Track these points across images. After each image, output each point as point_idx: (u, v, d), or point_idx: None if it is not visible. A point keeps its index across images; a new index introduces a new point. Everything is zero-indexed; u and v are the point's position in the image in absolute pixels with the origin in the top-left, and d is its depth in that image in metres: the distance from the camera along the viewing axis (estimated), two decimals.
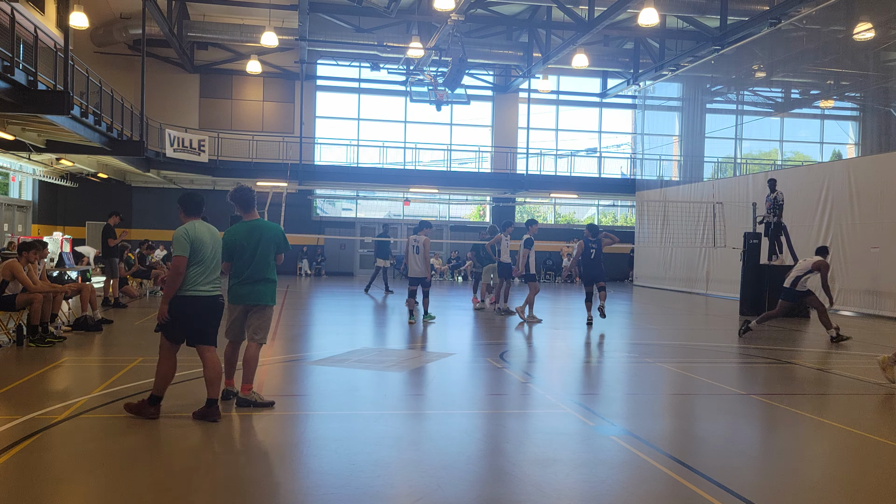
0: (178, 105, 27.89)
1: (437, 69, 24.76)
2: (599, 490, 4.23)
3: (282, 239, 6.12)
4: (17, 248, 11.80)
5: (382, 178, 28.39)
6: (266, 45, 23.28)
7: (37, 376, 7.12)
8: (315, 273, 28.45)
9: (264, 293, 6.02)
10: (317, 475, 4.42)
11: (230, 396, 6.17)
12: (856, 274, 16.39)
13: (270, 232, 6.06)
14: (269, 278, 6.05)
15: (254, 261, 5.97)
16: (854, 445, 5.35)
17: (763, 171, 22.69)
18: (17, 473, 4.29)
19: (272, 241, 6.04)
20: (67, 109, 14.06)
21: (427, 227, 12.73)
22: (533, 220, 13.72)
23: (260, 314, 6.04)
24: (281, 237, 6.12)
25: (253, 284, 5.99)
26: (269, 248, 6.02)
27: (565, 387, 7.53)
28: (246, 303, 6.03)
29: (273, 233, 6.08)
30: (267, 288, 6.04)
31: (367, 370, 7.84)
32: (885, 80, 18.24)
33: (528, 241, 13.24)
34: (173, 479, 4.27)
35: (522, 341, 10.72)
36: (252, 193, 6.20)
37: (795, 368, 8.83)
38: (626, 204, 32.04)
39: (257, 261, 5.97)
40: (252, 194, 6.19)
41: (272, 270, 6.08)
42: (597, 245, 12.55)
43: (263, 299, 6.02)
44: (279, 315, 13.06)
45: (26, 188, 23.93)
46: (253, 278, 5.98)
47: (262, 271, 6.00)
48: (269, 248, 6.02)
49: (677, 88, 27.04)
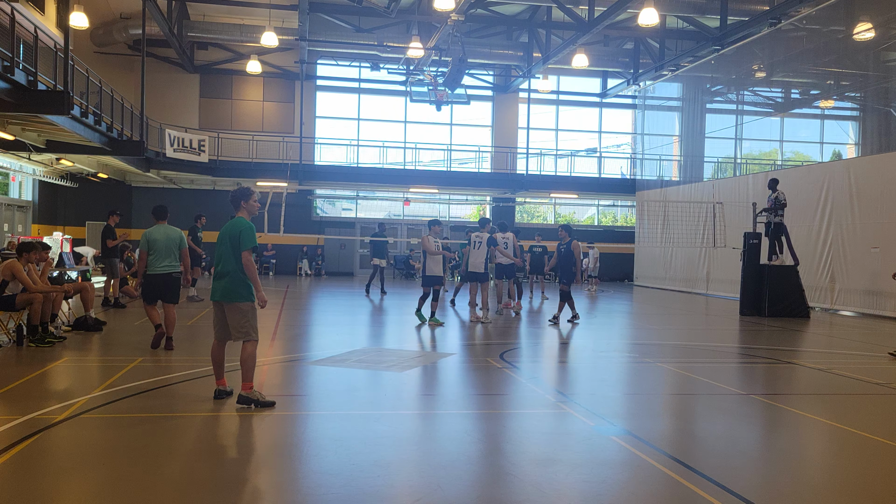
0: (178, 105, 27.89)
1: (437, 69, 24.76)
2: (599, 490, 4.22)
3: (237, 235, 5.94)
4: (16, 248, 11.80)
5: (382, 178, 28.39)
6: (266, 45, 23.29)
7: (37, 376, 7.11)
8: (315, 273, 28.44)
9: (228, 289, 5.96)
10: (317, 475, 4.41)
11: (222, 396, 6.19)
12: (856, 274, 16.39)
13: (230, 229, 6.03)
14: (230, 273, 5.95)
15: (222, 258, 6.02)
16: (854, 445, 5.35)
17: (763, 171, 22.70)
18: (17, 473, 4.29)
19: (232, 236, 5.97)
20: (67, 109, 14.06)
21: (487, 223, 13.40)
22: (486, 220, 13.68)
23: (233, 311, 6.00)
24: (236, 233, 5.96)
25: (218, 280, 6.05)
26: (232, 245, 5.96)
27: (565, 387, 7.53)
28: (216, 299, 6.07)
29: (232, 229, 6.01)
30: (230, 284, 5.96)
31: (367, 370, 7.84)
32: (885, 80, 18.23)
33: (491, 239, 13.31)
34: (173, 479, 4.27)
35: (522, 341, 10.72)
36: (234, 195, 6.23)
37: (795, 368, 8.83)
38: (626, 204, 32.04)
39: (224, 257, 5.99)
40: (233, 196, 6.22)
41: (234, 265, 5.95)
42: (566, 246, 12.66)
43: (229, 296, 5.97)
44: (279, 315, 13.06)
45: (26, 188, 23.93)
46: (218, 274, 6.05)
47: (224, 266, 5.99)
48: (232, 245, 5.96)
49: (677, 88, 27.04)
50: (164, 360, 8.08)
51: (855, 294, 16.44)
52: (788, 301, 15.02)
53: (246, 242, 5.94)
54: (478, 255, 12.84)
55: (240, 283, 5.98)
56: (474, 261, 12.83)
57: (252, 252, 5.99)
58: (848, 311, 16.49)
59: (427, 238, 12.34)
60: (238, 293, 5.97)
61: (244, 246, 5.94)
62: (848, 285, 16.63)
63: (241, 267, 5.96)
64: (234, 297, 5.97)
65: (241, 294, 5.98)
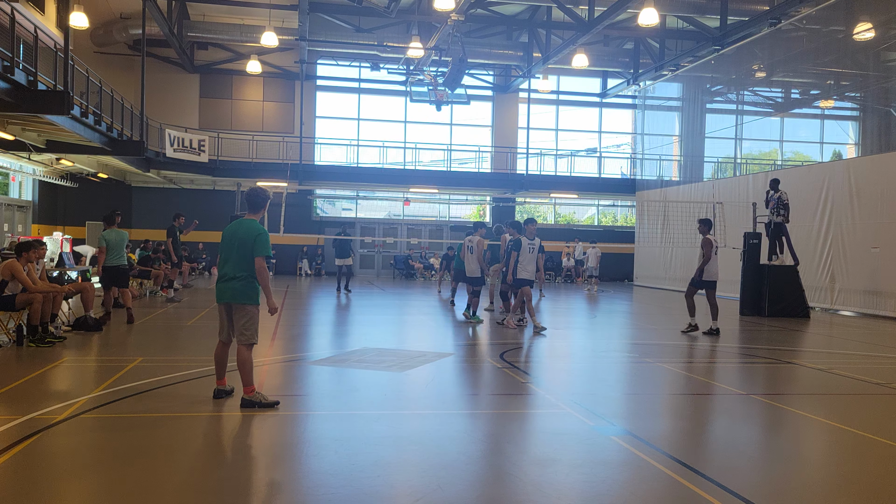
0: (178, 105, 27.89)
1: (437, 69, 24.75)
2: (599, 490, 4.22)
3: (252, 240, 5.92)
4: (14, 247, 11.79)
5: (382, 178, 28.39)
6: (266, 45, 23.28)
7: (37, 376, 7.11)
8: (315, 273, 28.44)
9: (238, 291, 5.95)
10: (317, 475, 4.41)
11: (222, 395, 6.21)
12: (856, 274, 16.39)
13: (243, 231, 5.98)
14: (241, 276, 5.93)
15: (229, 259, 5.99)
16: (854, 445, 5.35)
17: (763, 171, 22.69)
18: (17, 473, 4.29)
19: (244, 240, 5.94)
20: (67, 109, 14.06)
21: (482, 227, 13.34)
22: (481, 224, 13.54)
23: (240, 314, 5.99)
24: (251, 238, 5.92)
25: (226, 282, 6.01)
26: (244, 248, 5.93)
27: (565, 387, 7.53)
28: (223, 301, 6.06)
29: (245, 232, 5.97)
30: (240, 286, 5.94)
31: (367, 370, 7.83)
32: (885, 80, 18.23)
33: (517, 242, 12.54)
34: (173, 479, 4.26)
35: (523, 341, 10.72)
36: (257, 196, 6.20)
37: (795, 368, 8.83)
38: (626, 204, 32.04)
39: (232, 259, 5.97)
40: (256, 197, 6.20)
41: (246, 269, 5.93)
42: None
43: (238, 298, 5.96)
44: (279, 315, 13.06)
45: (26, 188, 23.93)
46: (226, 276, 6.00)
47: (234, 269, 5.96)
48: (244, 248, 5.93)
49: (677, 88, 27.03)
50: (165, 360, 8.08)
51: (855, 294, 16.45)
52: (788, 301, 15.02)
53: (261, 249, 5.91)
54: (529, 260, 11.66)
55: (250, 286, 5.98)
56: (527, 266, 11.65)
57: (265, 259, 5.98)
58: (848, 311, 16.49)
59: (482, 240, 12.81)
60: (248, 295, 5.98)
61: (258, 252, 5.91)
62: (848, 285, 16.63)
63: (253, 271, 5.95)
64: (243, 300, 5.98)
65: (251, 297, 5.99)
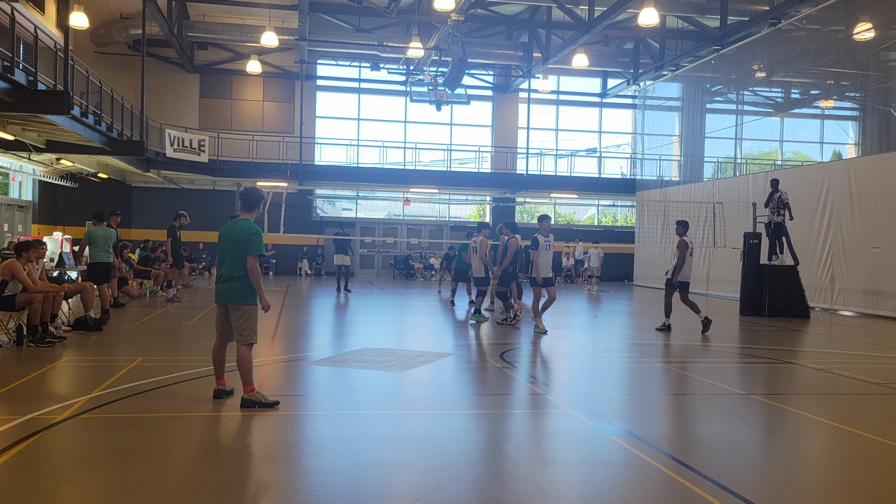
0: (178, 105, 27.89)
1: (437, 69, 24.76)
2: (599, 490, 4.22)
3: (245, 239, 5.93)
4: (14, 247, 11.79)
5: (382, 178, 28.39)
6: (266, 45, 23.29)
7: (37, 376, 7.11)
8: (315, 273, 28.44)
9: (234, 291, 5.96)
10: (317, 475, 4.41)
11: (222, 395, 6.21)
12: (856, 274, 16.39)
13: (238, 231, 5.99)
14: (237, 276, 5.94)
15: (225, 259, 6.01)
16: (854, 445, 5.35)
17: (763, 171, 22.69)
18: (17, 473, 4.29)
19: (239, 240, 5.95)
20: (67, 109, 14.06)
21: (486, 227, 13.47)
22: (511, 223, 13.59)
23: (237, 314, 5.99)
24: (244, 237, 5.93)
25: (222, 282, 6.03)
26: (238, 248, 5.94)
27: (565, 387, 7.53)
28: (220, 301, 6.07)
29: (239, 232, 5.98)
30: (236, 286, 5.95)
31: (367, 370, 7.83)
32: (885, 80, 18.23)
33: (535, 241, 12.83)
34: (173, 479, 4.26)
35: (522, 341, 10.72)
36: (251, 196, 6.20)
37: (795, 368, 8.83)
38: (626, 204, 32.04)
39: (228, 259, 5.98)
40: (250, 196, 6.19)
41: (241, 268, 5.94)
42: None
43: (234, 298, 5.97)
44: (279, 315, 13.06)
45: (26, 188, 23.93)
46: (223, 276, 6.02)
47: (230, 269, 5.97)
48: (238, 248, 5.94)
49: (677, 88, 27.03)
50: (164, 360, 8.08)
51: (855, 294, 16.44)
52: (788, 301, 15.02)
53: (254, 248, 5.93)
54: (546, 257, 12.15)
55: (246, 286, 5.98)
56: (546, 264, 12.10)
57: (258, 258, 5.98)
58: (848, 311, 16.49)
59: (485, 240, 12.86)
60: (243, 295, 5.98)
61: (251, 252, 5.93)
62: (848, 285, 16.63)
63: (246, 271, 5.96)
64: (239, 300, 5.98)
65: (247, 297, 5.99)
